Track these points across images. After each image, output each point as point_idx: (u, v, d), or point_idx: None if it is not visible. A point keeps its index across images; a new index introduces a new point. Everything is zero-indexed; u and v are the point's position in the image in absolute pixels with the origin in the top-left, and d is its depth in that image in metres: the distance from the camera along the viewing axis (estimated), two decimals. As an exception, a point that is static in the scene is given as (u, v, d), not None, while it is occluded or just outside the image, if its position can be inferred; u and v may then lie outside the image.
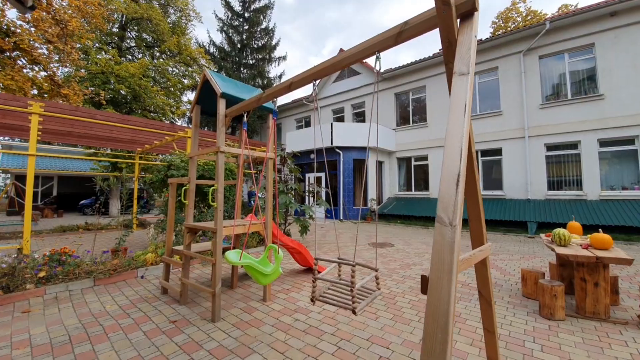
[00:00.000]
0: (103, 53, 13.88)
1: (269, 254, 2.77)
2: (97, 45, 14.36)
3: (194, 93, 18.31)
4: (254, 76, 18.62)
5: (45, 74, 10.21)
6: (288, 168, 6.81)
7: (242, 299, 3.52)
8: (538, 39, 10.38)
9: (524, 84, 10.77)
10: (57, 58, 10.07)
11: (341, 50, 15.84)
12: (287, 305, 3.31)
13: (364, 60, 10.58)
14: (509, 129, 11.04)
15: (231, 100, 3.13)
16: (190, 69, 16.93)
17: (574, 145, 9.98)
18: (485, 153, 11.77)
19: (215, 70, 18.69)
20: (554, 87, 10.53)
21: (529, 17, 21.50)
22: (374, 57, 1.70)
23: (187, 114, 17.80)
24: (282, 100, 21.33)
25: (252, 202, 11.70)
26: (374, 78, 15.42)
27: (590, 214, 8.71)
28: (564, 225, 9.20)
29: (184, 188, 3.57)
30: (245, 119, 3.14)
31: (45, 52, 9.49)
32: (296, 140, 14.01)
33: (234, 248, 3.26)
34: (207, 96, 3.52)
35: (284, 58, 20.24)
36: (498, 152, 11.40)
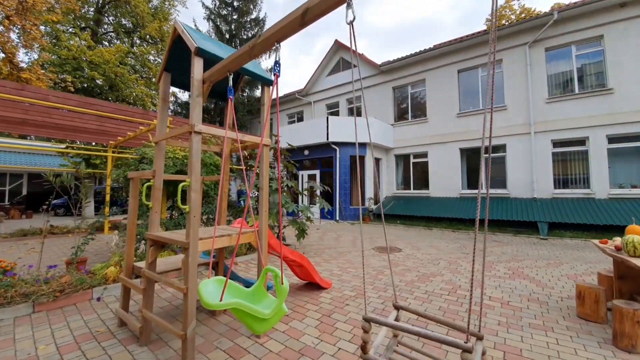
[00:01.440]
0: (77, 39, 12.58)
1: (265, 280, 1.93)
2: (70, 29, 13.04)
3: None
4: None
5: (3, 55, 8.96)
6: (282, 163, 5.95)
7: (228, 333, 2.65)
8: (545, 30, 9.86)
9: (529, 77, 10.25)
10: (16, 37, 8.83)
11: (336, 40, 15.05)
12: (289, 343, 2.46)
13: (361, 53, 9.76)
14: (514, 125, 10.51)
15: (211, 61, 2.26)
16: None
17: (582, 141, 9.52)
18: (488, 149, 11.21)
19: (201, 60, 17.51)
20: (561, 80, 10.04)
21: (522, 15, 21.30)
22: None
23: (171, 108, 16.61)
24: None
25: (241, 202, 10.71)
26: (358, 73, 15.05)
27: (599, 214, 8.23)
28: (577, 226, 8.75)
29: (146, 185, 2.68)
30: (231, 83, 2.27)
31: (1, 28, 8.26)
32: (288, 135, 13.11)
33: (214, 270, 2.39)
34: (179, 59, 2.64)
35: (276, 49, 19.22)
36: (502, 148, 10.86)
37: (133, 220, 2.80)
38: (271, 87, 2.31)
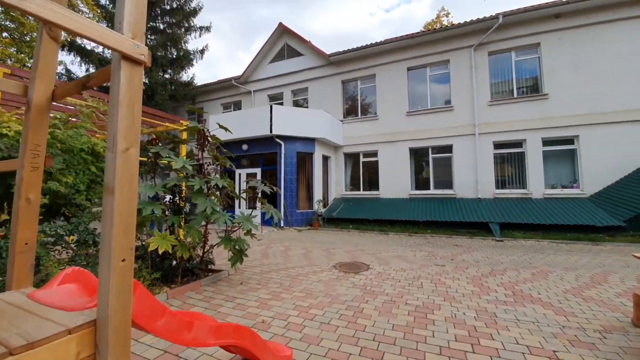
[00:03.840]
0: None
1: None
2: None
3: (66, 52, 13.16)
4: (164, 44, 14.45)
5: None
6: (210, 153, 4.10)
7: None
8: (489, 34, 10.03)
9: (474, 79, 10.35)
10: None
11: (280, 24, 13.40)
12: None
13: (308, 40, 8.13)
14: (460, 125, 10.49)
15: None
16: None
17: (519, 143, 9.92)
18: (435, 150, 11.04)
19: (106, 25, 13.77)
20: (502, 84, 10.38)
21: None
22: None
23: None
24: (205, 79, 17.72)
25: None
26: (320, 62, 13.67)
27: (540, 213, 8.48)
28: (522, 226, 8.37)
29: None
30: None
31: None
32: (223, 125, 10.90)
33: None
34: None
35: (208, 29, 16.48)
36: (449, 148, 10.77)
37: None
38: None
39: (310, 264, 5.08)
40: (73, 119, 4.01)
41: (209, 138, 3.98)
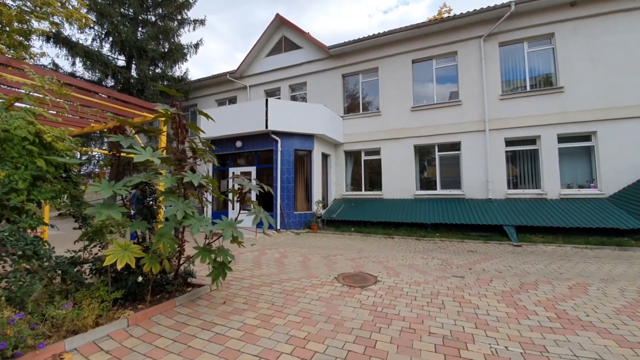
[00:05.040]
0: None
1: None
2: None
3: (51, 44, 12.45)
4: (156, 36, 13.72)
5: None
6: (189, 145, 3.40)
7: None
8: (500, 24, 9.37)
9: (484, 72, 9.69)
10: None
11: (277, 15, 12.72)
12: None
13: (307, 32, 7.24)
14: (469, 121, 9.82)
15: None
16: (48, 9, 11.18)
17: (533, 140, 9.26)
18: (442, 147, 10.37)
19: (94, 20, 13.10)
20: (514, 77, 9.72)
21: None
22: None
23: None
24: (199, 74, 16.98)
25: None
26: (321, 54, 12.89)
27: (554, 215, 7.83)
28: (539, 229, 7.51)
29: None
30: None
31: None
32: (215, 122, 10.20)
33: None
34: None
35: (202, 22, 15.76)
36: (457, 146, 10.10)
37: None
38: None
39: (309, 275, 4.38)
40: (21, 104, 3.31)
41: (187, 126, 3.28)
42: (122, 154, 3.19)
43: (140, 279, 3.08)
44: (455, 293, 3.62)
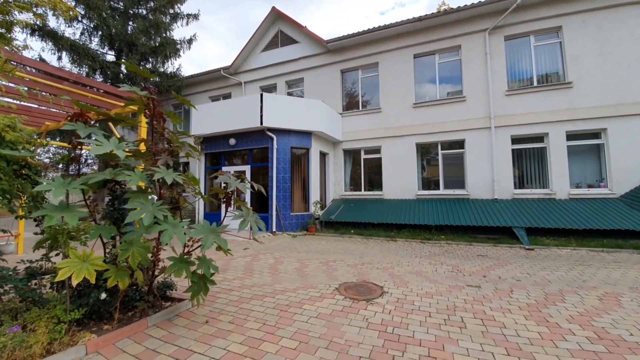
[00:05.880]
0: None
1: None
2: None
3: (37, 38, 11.89)
4: (146, 30, 13.15)
5: None
6: (157, 129, 2.89)
7: None
8: (506, 16, 8.98)
9: (489, 66, 9.28)
10: None
11: (273, 8, 12.23)
12: None
13: (304, 25, 6.57)
14: (474, 118, 9.40)
15: None
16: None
17: (541, 138, 8.87)
18: (445, 145, 9.94)
19: (82, 12, 12.50)
20: (520, 72, 9.32)
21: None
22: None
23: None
24: (192, 69, 16.52)
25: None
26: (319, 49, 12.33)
27: (564, 216, 7.43)
28: (550, 231, 7.02)
29: None
30: None
31: None
32: (207, 117, 9.72)
33: None
34: None
35: (196, 17, 15.20)
36: (460, 144, 9.68)
37: None
38: None
39: (306, 285, 3.90)
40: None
41: (164, 114, 2.79)
42: (83, 147, 2.68)
43: (104, 295, 2.57)
44: (475, 307, 3.16)
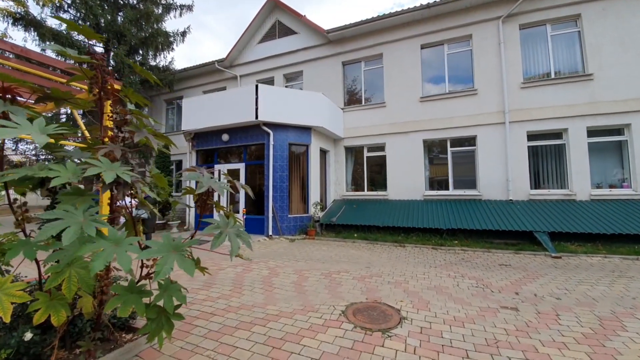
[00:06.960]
0: None
1: None
2: None
3: (19, 27, 11.16)
4: (136, 20, 12.40)
5: None
6: (118, 114, 2.17)
7: None
8: (521, 3, 8.31)
9: (503, 57, 8.60)
10: None
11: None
12: None
13: (304, 14, 5.03)
14: (486, 113, 8.72)
15: None
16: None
17: (559, 134, 8.20)
18: (455, 142, 9.26)
19: (69, 0, 11.72)
20: (537, 63, 8.64)
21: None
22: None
23: None
24: (184, 63, 15.56)
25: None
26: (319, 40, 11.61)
27: (588, 219, 6.77)
28: (574, 236, 6.33)
29: None
30: None
31: None
32: (199, 111, 9.00)
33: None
34: None
35: (190, 8, 14.41)
36: (471, 140, 9.01)
37: None
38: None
39: (306, 307, 3.21)
40: None
41: (114, 85, 2.08)
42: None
43: (29, 336, 1.87)
44: (521, 341, 2.47)
